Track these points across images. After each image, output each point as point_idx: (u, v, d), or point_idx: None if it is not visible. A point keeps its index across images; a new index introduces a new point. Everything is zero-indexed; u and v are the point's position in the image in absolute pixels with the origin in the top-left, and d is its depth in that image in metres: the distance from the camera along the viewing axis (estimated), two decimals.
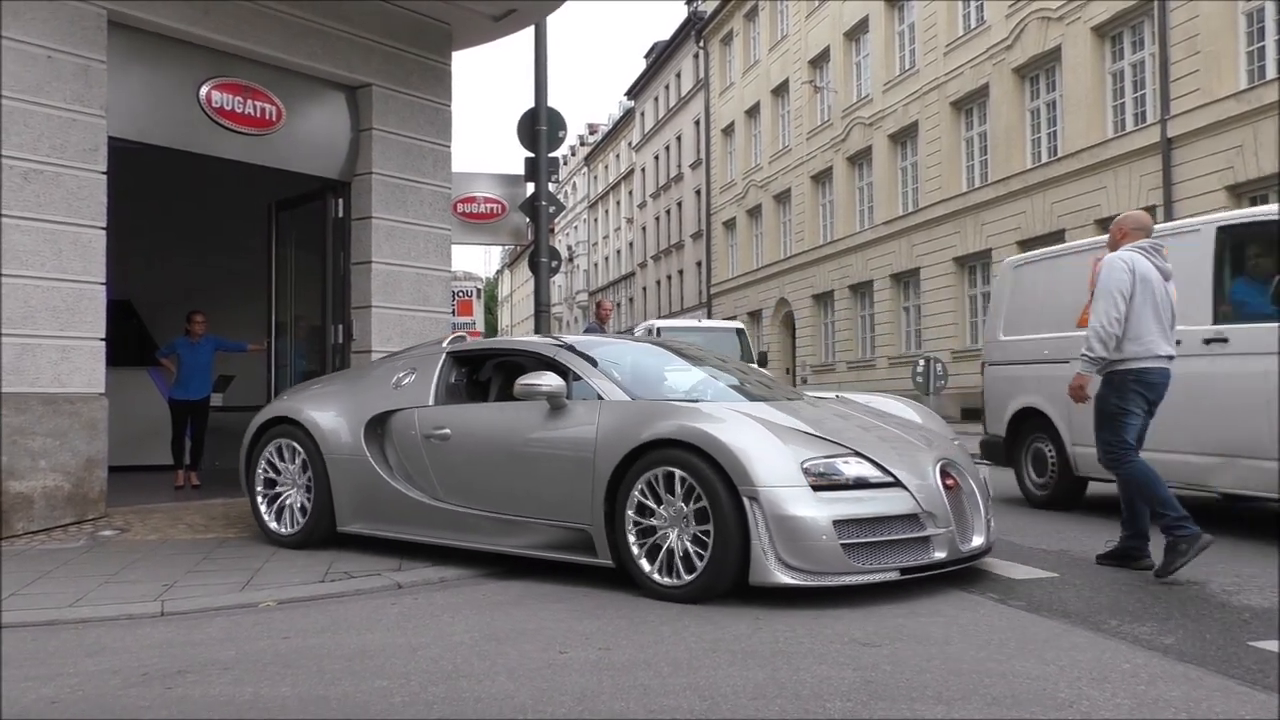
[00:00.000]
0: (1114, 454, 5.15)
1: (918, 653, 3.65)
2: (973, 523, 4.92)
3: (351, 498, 5.91)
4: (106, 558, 5.78)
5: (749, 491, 4.37)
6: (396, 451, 5.88)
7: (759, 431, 4.58)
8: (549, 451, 5.15)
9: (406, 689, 3.29)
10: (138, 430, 9.93)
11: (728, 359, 7.00)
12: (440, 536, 5.58)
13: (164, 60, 7.56)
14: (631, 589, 4.74)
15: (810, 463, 4.50)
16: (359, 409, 6.02)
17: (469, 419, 5.65)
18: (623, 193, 58.18)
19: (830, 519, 4.37)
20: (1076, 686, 3.23)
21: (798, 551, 4.34)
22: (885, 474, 4.63)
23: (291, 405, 6.35)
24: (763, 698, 3.15)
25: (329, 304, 8.99)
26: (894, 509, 4.57)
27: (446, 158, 9.42)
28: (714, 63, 42.21)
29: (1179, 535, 4.86)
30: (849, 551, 4.39)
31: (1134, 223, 5.45)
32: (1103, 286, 5.11)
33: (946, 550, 4.68)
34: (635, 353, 6.27)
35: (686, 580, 4.52)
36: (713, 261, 42.22)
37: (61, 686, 3.39)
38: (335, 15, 8.37)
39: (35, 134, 6.53)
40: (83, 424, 6.72)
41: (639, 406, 5.01)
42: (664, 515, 4.63)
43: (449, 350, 6.16)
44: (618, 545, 4.79)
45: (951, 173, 25.34)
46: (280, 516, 6.20)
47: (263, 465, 6.29)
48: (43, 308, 6.54)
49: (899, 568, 4.54)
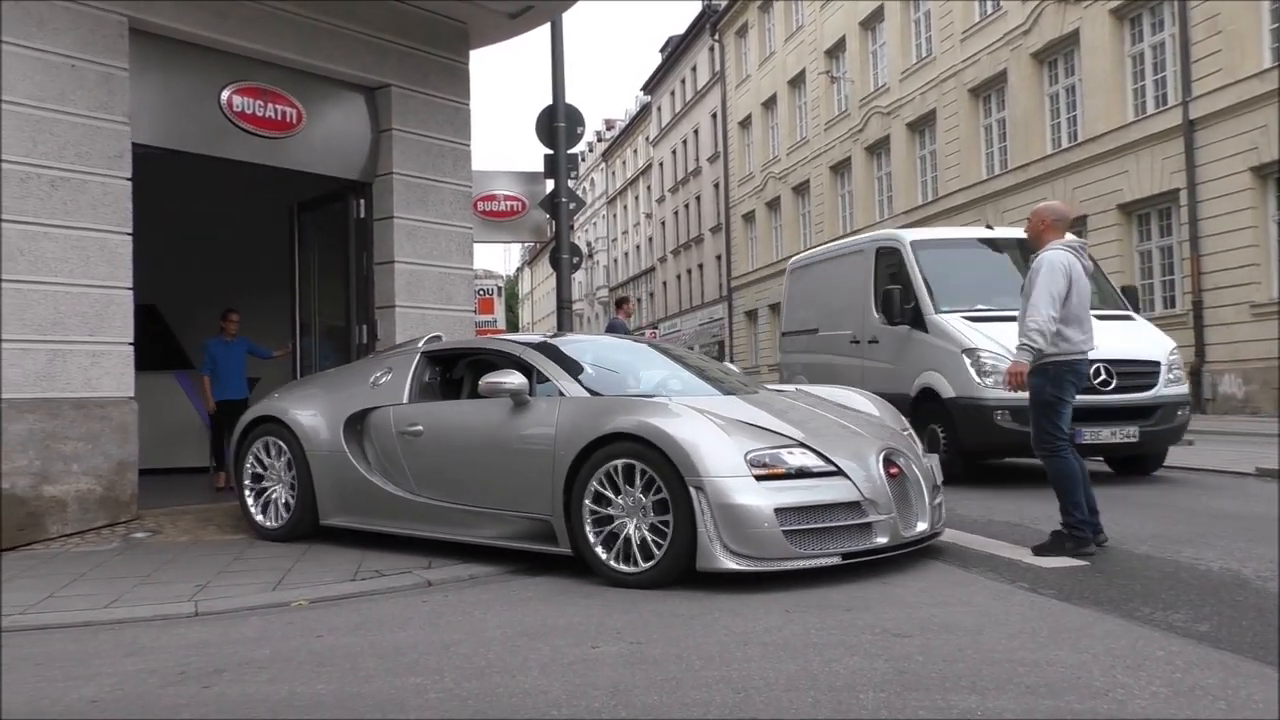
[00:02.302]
0: (1051, 442, 5.39)
1: (950, 643, 3.65)
2: (916, 509, 5.16)
3: (332, 492, 6.20)
4: (140, 559, 5.84)
5: (695, 481, 4.59)
6: (374, 447, 6.15)
7: (706, 425, 4.80)
8: (512, 446, 5.40)
9: (440, 685, 3.32)
10: (165, 433, 10.01)
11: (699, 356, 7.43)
12: (416, 528, 5.85)
13: (185, 66, 7.61)
14: None
15: (754, 454, 4.72)
16: (339, 407, 6.31)
17: (440, 416, 5.95)
18: (641, 188, 58.15)
19: (773, 507, 4.60)
20: (1111, 674, 3.22)
21: (742, 538, 4.56)
22: (828, 463, 4.86)
23: (277, 405, 6.66)
24: (795, 689, 3.15)
25: (353, 304, 9.03)
26: (836, 497, 4.79)
27: (466, 156, 9.44)
28: (729, 56, 42.10)
29: (1073, 534, 5.29)
30: (791, 537, 4.62)
31: (1055, 214, 5.66)
32: (1043, 286, 5.32)
33: (889, 536, 4.89)
34: (605, 350, 6.62)
35: (644, 567, 4.74)
36: (733, 254, 42.14)
37: (101, 686, 3.44)
38: (352, 17, 8.40)
39: (61, 142, 6.59)
40: (114, 428, 6.79)
41: (597, 403, 5.28)
42: (621, 505, 4.85)
43: (423, 350, 6.46)
44: (575, 534, 5.01)
45: (971, 160, 25.20)
46: (266, 510, 6.50)
47: (250, 462, 6.59)
48: (72, 314, 6.60)
49: (841, 553, 4.75)
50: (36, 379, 6.42)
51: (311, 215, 9.59)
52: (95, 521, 6.66)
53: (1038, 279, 5.36)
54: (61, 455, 6.50)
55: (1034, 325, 5.28)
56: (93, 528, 6.63)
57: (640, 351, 6.79)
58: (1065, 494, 5.33)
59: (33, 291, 6.42)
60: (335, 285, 9.28)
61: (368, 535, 6.10)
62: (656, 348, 6.95)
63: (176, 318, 11.25)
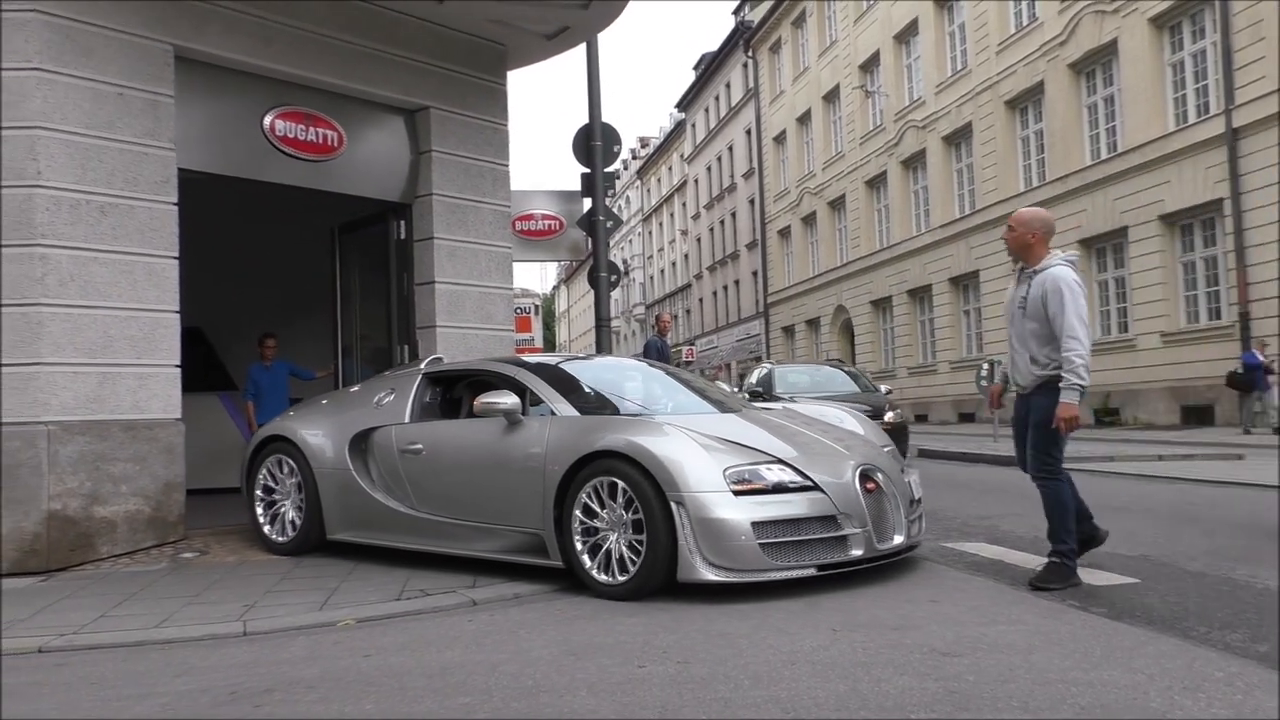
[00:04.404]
0: (1051, 466, 5.08)
1: (1000, 662, 3.60)
2: (893, 522, 5.28)
3: (338, 508, 6.45)
4: (188, 579, 5.90)
5: (675, 496, 4.79)
6: (378, 465, 6.38)
7: (687, 442, 5.01)
8: (506, 463, 5.62)
9: (489, 705, 3.32)
10: (209, 453, 10.12)
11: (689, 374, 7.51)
12: (418, 543, 6.06)
13: (228, 92, 7.73)
14: (703, 600, 4.75)
15: (733, 470, 4.91)
16: (344, 427, 6.55)
17: (439, 434, 6.17)
18: (676, 205, 58.25)
19: (749, 520, 4.78)
20: (1168, 695, 3.16)
21: (720, 551, 4.76)
22: (804, 479, 5.01)
23: (286, 425, 6.93)
24: (845, 710, 3.13)
25: (394, 324, 9.11)
26: (811, 511, 4.95)
27: (505, 177, 9.51)
28: (763, 71, 42.15)
29: (1063, 563, 4.99)
30: (767, 550, 4.80)
31: (1045, 226, 5.22)
32: (1071, 310, 4.92)
33: (863, 548, 5.04)
34: (598, 371, 6.85)
35: (621, 580, 4.96)
36: (769, 271, 42.09)
37: (154, 706, 3.47)
38: (392, 40, 8.51)
39: (109, 169, 6.71)
40: (161, 449, 6.88)
41: (585, 421, 5.51)
42: (605, 519, 5.06)
43: (425, 371, 6.71)
44: (565, 547, 5.21)
45: (1008, 173, 25.02)
46: (275, 525, 6.77)
47: (262, 477, 6.85)
48: (121, 337, 6.71)
49: (816, 564, 4.92)
50: (87, 401, 6.52)
51: (353, 237, 9.69)
52: (144, 542, 6.75)
53: (1062, 303, 4.94)
54: (111, 476, 6.59)
55: (1079, 359, 4.87)
56: (141, 548, 6.72)
57: (632, 371, 7.03)
58: (1061, 521, 5.02)
59: (83, 316, 6.53)
60: (377, 306, 9.36)
61: (412, 554, 6.12)
62: (649, 367, 7.18)
63: (221, 340, 11.39)
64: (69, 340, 6.45)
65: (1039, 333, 5.06)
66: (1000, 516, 7.61)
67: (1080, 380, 4.88)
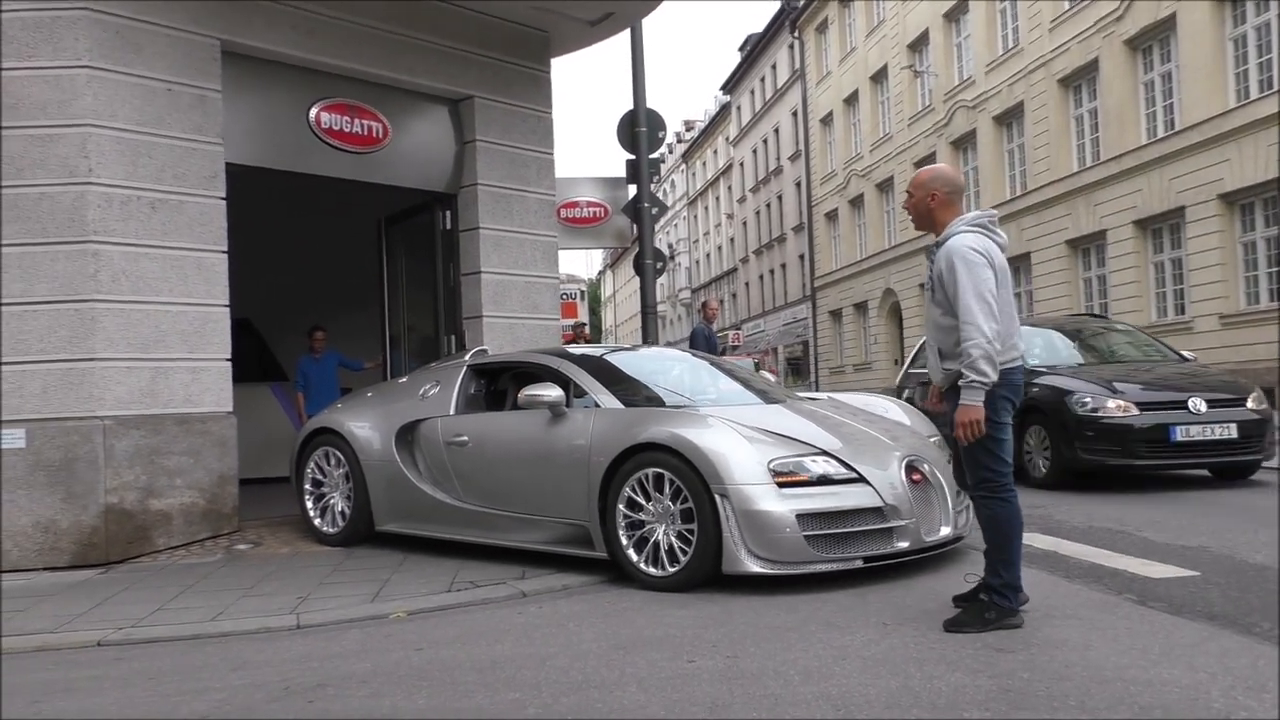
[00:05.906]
0: (994, 479, 4.09)
1: (1056, 659, 3.53)
2: (940, 514, 5.24)
3: (385, 500, 6.52)
4: (242, 571, 5.99)
5: (719, 489, 4.80)
6: (424, 457, 6.44)
7: (731, 434, 4.99)
8: (551, 455, 5.65)
9: (539, 700, 3.32)
10: (261, 443, 10.25)
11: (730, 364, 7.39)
12: (465, 534, 6.13)
13: (274, 85, 7.79)
14: (751, 592, 4.73)
15: (776, 462, 4.89)
16: (390, 419, 6.62)
17: (484, 426, 6.22)
18: (721, 188, 57.95)
19: (794, 512, 4.77)
20: (1231, 695, 3.08)
21: (764, 543, 4.76)
22: (850, 470, 4.99)
23: (333, 418, 7.00)
24: (897, 707, 3.09)
25: (441, 315, 9.16)
26: (857, 503, 4.92)
27: (549, 165, 9.50)
28: (810, 52, 41.69)
29: (995, 601, 4.05)
30: (812, 542, 4.79)
31: (948, 184, 4.30)
32: (969, 290, 3.98)
33: (910, 541, 5.01)
34: (641, 362, 6.88)
35: (671, 571, 4.99)
36: (815, 254, 41.73)
37: (210, 701, 3.52)
38: (435, 30, 8.51)
39: (159, 165, 6.79)
40: (214, 442, 6.98)
41: (629, 413, 5.52)
42: (652, 511, 5.08)
43: (469, 364, 6.75)
44: (610, 539, 5.24)
45: (1061, 153, 24.54)
46: (324, 516, 6.86)
47: (310, 469, 6.94)
48: (172, 332, 6.80)
49: (862, 557, 4.90)
50: (141, 396, 6.62)
51: (399, 228, 9.74)
52: (199, 534, 6.85)
53: (956, 280, 4.02)
54: (165, 470, 6.70)
55: (977, 350, 3.92)
56: (196, 540, 6.82)
57: (674, 362, 6.97)
58: (1001, 547, 4.09)
59: (135, 311, 6.63)
60: (423, 297, 9.41)
61: (460, 545, 6.17)
62: (692, 358, 7.13)
63: (270, 330, 11.52)
64: (122, 336, 6.55)
65: (942, 321, 4.18)
66: (1052, 506, 7.48)
67: (980, 376, 3.93)
